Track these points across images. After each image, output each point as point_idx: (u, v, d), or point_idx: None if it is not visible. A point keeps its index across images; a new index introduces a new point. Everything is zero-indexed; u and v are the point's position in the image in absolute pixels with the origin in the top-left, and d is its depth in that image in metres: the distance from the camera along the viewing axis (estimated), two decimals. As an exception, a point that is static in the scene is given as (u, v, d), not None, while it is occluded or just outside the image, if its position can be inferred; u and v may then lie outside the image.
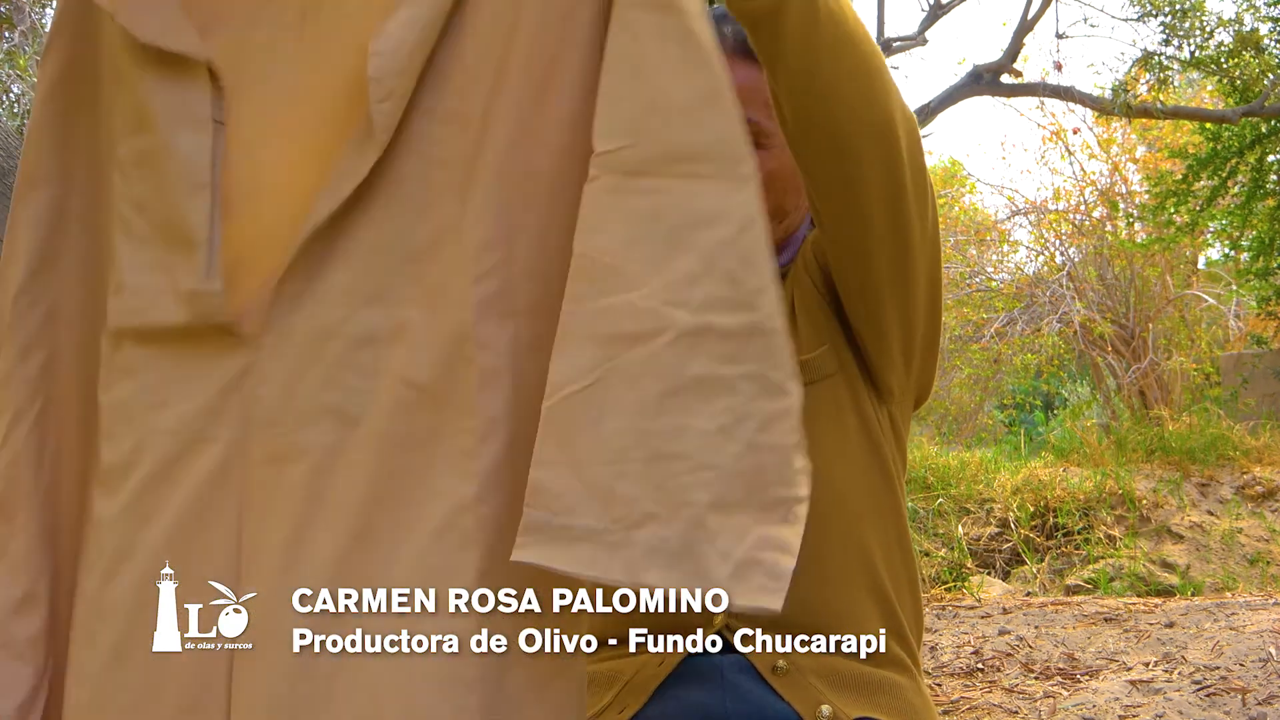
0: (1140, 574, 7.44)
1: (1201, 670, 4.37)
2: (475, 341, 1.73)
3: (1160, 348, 17.47)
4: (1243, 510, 8.14)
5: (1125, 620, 5.07)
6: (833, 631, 2.01)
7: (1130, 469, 8.56)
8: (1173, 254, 18.30)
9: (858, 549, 2.18)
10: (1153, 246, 17.90)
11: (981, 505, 8.34)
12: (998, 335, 18.18)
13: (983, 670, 4.62)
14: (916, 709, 2.19)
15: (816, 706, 2.10)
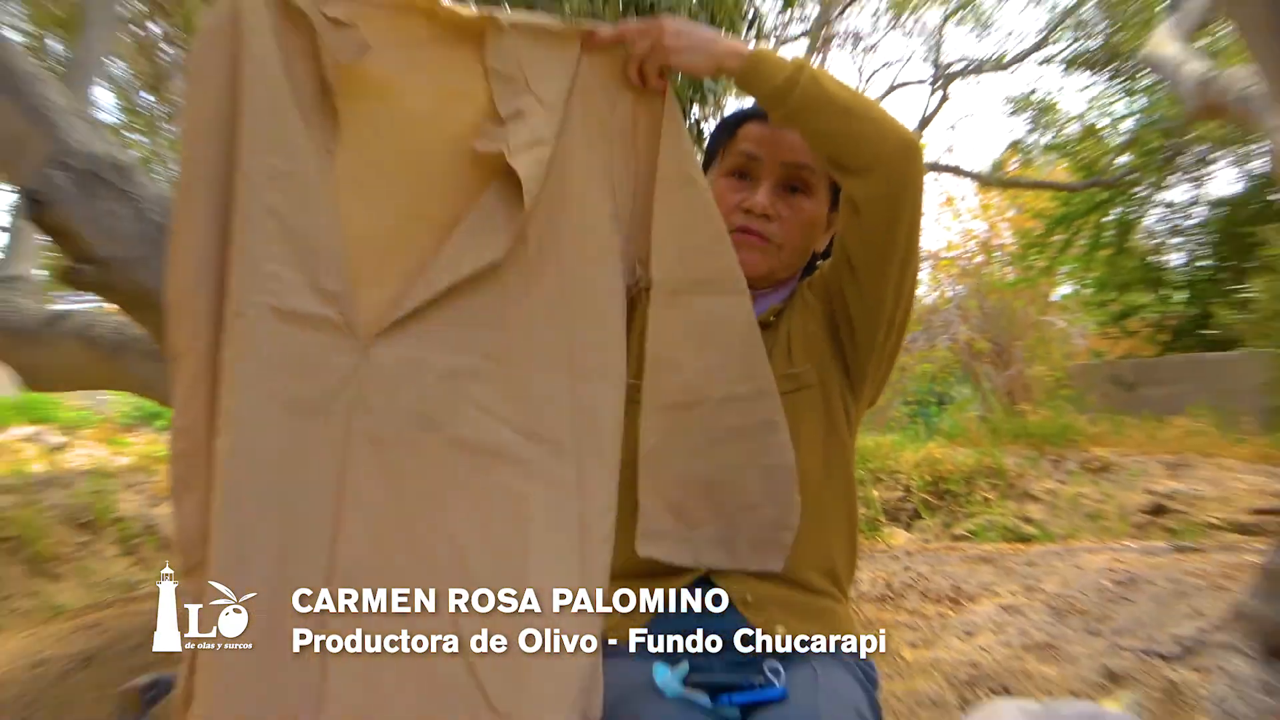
0: (1008, 526, 7.46)
1: (1053, 597, 4.39)
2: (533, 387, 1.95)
3: (1024, 359, 17.45)
4: (1084, 480, 8.15)
5: (997, 560, 5.09)
6: (788, 577, 2.17)
7: (1001, 449, 8.58)
8: (1034, 290, 18.29)
9: (815, 518, 2.21)
10: (1019, 284, 17.94)
11: (891, 475, 8.35)
12: (904, 350, 18.14)
13: (892, 597, 4.64)
14: (844, 627, 2.24)
15: (773, 626, 2.15)
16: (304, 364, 1.84)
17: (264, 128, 1.83)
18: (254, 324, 1.80)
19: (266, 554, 1.78)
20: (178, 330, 1.84)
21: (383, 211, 1.94)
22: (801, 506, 2.12)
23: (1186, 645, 3.81)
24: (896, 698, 3.67)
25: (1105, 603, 4.27)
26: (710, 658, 2.11)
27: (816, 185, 2.31)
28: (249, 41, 1.84)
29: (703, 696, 1.97)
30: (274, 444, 1.80)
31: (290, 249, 1.83)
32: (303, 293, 1.83)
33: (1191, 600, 4.23)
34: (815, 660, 2.10)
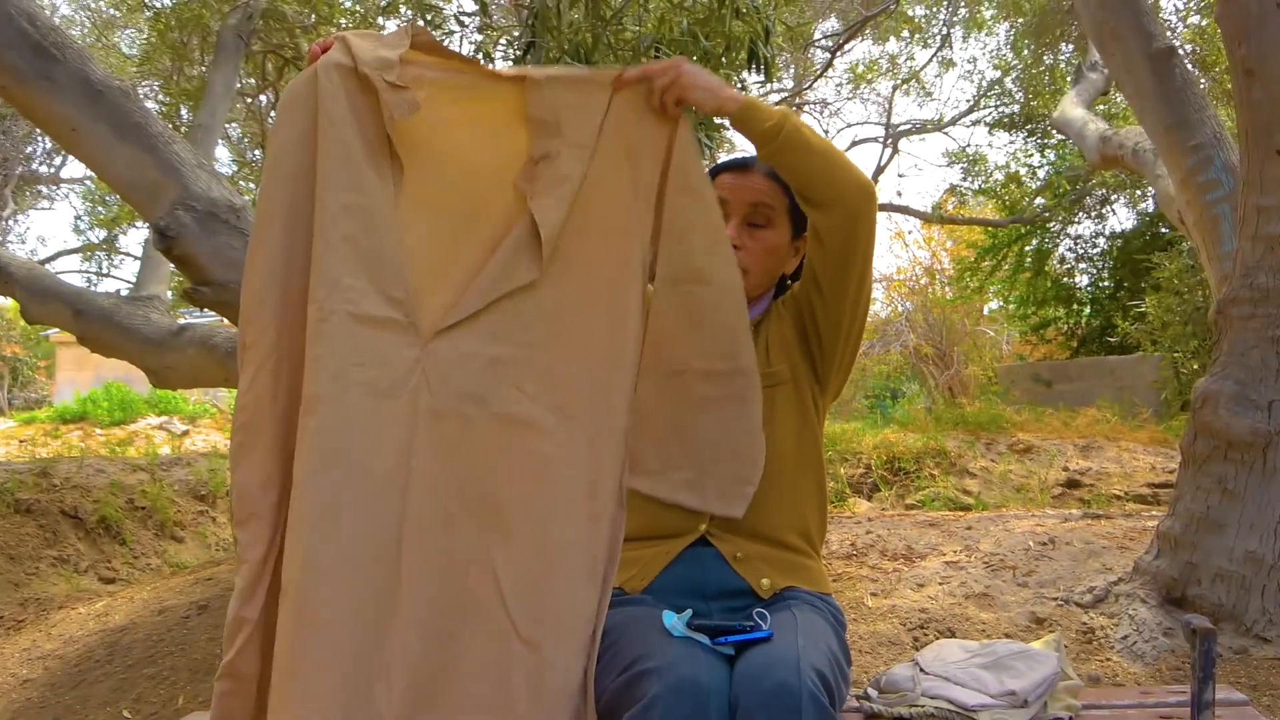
0: (950, 497, 7.43)
1: (988, 555, 4.36)
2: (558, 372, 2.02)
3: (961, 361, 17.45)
4: (1011, 459, 8.13)
5: (942, 525, 5.06)
6: (770, 538, 2.25)
7: (943, 434, 8.56)
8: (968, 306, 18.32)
9: (790, 490, 2.28)
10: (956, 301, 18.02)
11: (855, 455, 8.33)
12: (864, 354, 18.21)
13: (856, 555, 4.61)
14: (818, 579, 2.30)
15: (760, 579, 2.21)
16: (377, 356, 1.93)
17: (337, 171, 1.94)
18: (336, 326, 1.90)
19: (352, 510, 1.88)
20: (247, 326, 1.96)
21: (439, 233, 2.01)
22: (778, 479, 2.20)
23: (1098, 595, 3.78)
24: (861, 638, 3.64)
25: (1031, 560, 4.24)
26: (708, 604, 2.14)
27: (776, 219, 2.37)
28: (325, 103, 1.95)
29: (703, 637, 1.97)
30: (355, 420, 1.90)
31: (363, 266, 1.93)
32: (374, 300, 1.93)
33: (1101, 558, 4.21)
34: (794, 606, 2.13)
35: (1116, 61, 4.57)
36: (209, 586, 5.82)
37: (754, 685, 1.82)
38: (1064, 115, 9.12)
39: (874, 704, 2.24)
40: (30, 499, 8.78)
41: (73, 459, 10.45)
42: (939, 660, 2.31)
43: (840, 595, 4.00)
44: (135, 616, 5.55)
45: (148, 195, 4.25)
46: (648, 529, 2.25)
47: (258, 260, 1.96)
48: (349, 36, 2.03)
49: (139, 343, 5.55)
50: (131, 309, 5.73)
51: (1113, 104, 12.40)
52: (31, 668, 5.17)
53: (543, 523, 1.98)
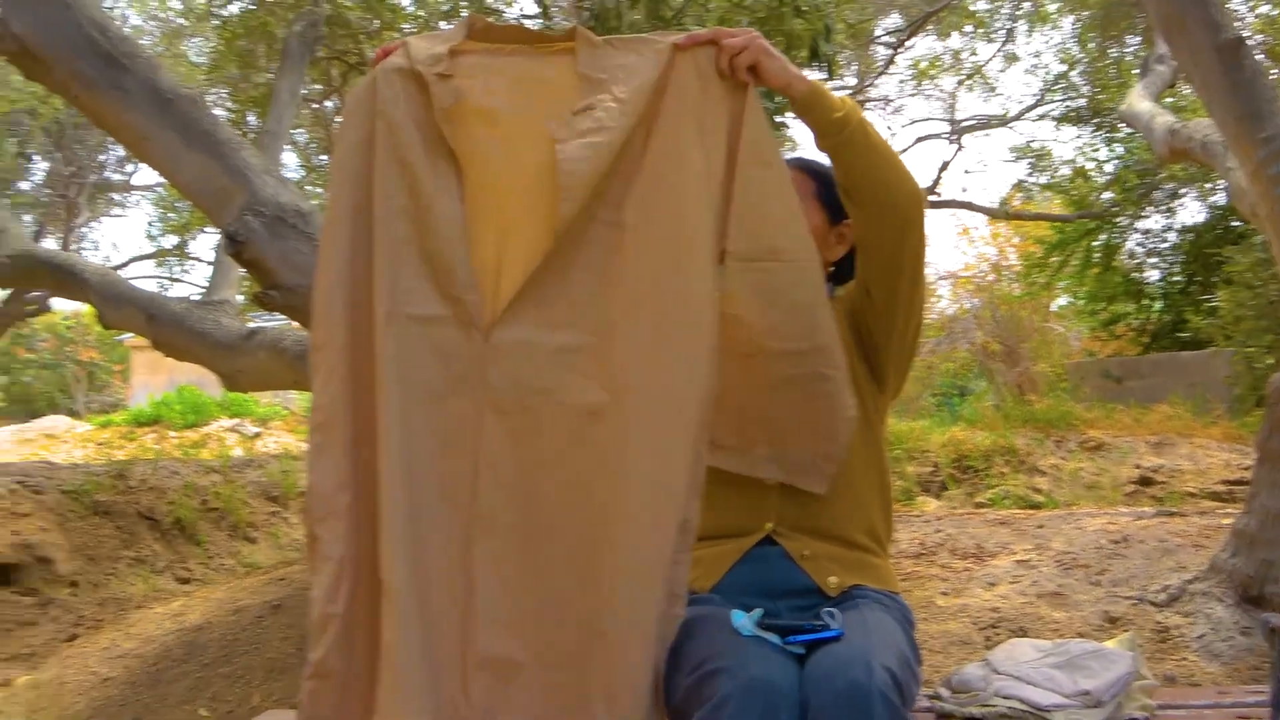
0: (1021, 495, 7.36)
1: (1060, 554, 4.31)
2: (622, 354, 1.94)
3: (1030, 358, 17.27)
4: (1082, 457, 8.03)
5: (1012, 523, 5.01)
6: (836, 536, 2.23)
7: (1013, 432, 8.47)
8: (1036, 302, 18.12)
9: (853, 488, 2.26)
10: (1024, 297, 17.80)
11: (922, 454, 8.27)
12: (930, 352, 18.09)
13: (925, 554, 4.58)
14: (887, 578, 2.28)
15: (827, 577, 2.19)
16: (439, 354, 1.94)
17: (394, 175, 1.96)
18: (399, 329, 1.93)
19: (426, 511, 1.91)
20: (318, 329, 1.99)
21: (499, 224, 1.99)
22: (841, 478, 2.19)
23: (1173, 594, 3.73)
24: (931, 637, 3.62)
25: (1104, 558, 4.18)
26: (777, 603, 2.12)
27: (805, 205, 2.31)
28: (384, 106, 1.98)
29: (773, 636, 1.97)
30: (421, 419, 1.92)
31: (422, 267, 1.95)
32: (434, 300, 1.95)
33: (1176, 556, 4.14)
34: (864, 605, 2.12)
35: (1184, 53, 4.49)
36: (282, 586, 5.89)
37: (825, 685, 1.81)
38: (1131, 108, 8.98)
39: (946, 703, 2.22)
40: (108, 501, 8.92)
41: (148, 461, 10.60)
42: (1011, 660, 2.29)
43: (910, 594, 3.97)
44: (211, 616, 5.63)
45: (217, 201, 4.30)
46: (713, 529, 2.24)
47: (327, 262, 2.00)
48: (410, 40, 2.05)
49: (211, 346, 5.61)
50: (203, 313, 5.81)
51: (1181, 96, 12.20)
52: (111, 666, 5.25)
53: (616, 514, 1.94)
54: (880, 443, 2.36)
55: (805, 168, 2.39)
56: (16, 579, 7.81)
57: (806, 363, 2.03)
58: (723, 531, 2.24)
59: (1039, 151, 17.23)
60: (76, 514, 8.65)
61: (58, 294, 8.08)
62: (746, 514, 2.24)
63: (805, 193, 2.33)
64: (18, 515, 8.24)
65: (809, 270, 2.00)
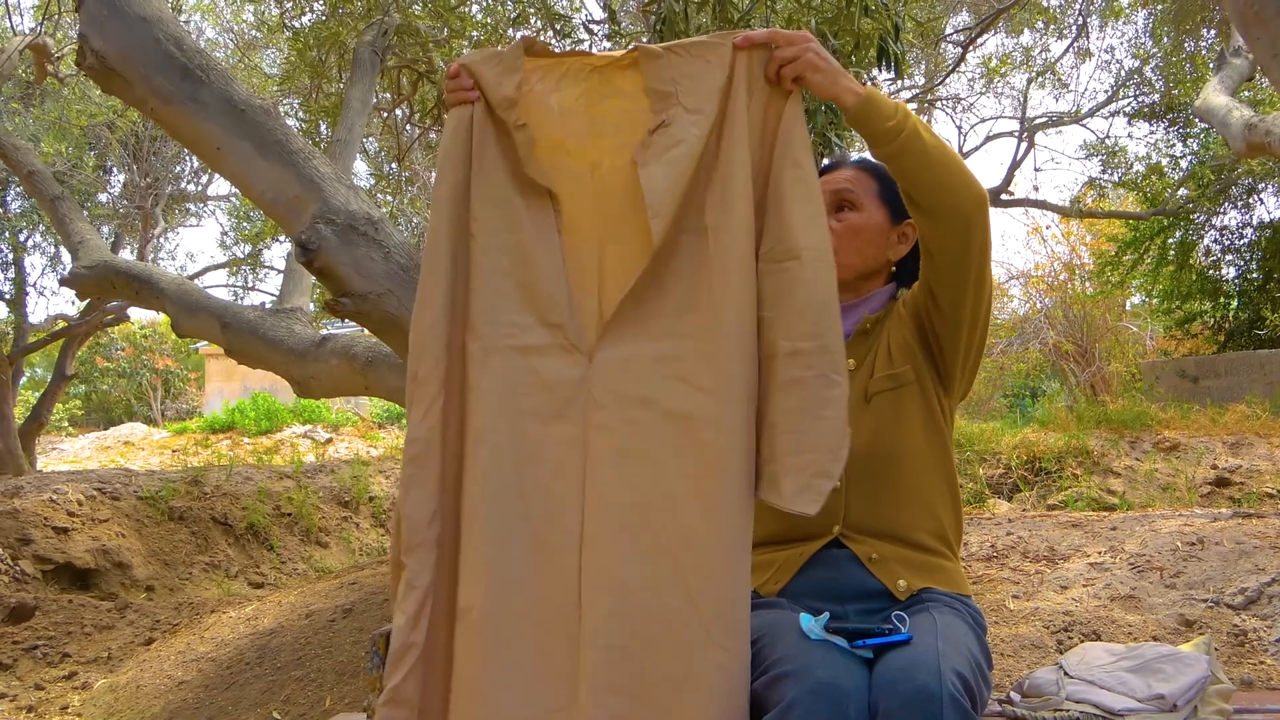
0: (1094, 497, 7.28)
1: (1134, 556, 4.26)
2: (715, 354, 1.96)
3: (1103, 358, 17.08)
4: (1157, 458, 7.93)
5: (1085, 526, 4.95)
6: (904, 539, 2.22)
7: (1086, 433, 8.38)
8: (1110, 301, 17.92)
9: (921, 490, 2.26)
10: (1097, 296, 17.63)
11: (994, 456, 8.21)
12: (1002, 353, 17.95)
13: (996, 557, 4.54)
14: (956, 581, 2.26)
15: (896, 580, 2.19)
16: (542, 383, 1.98)
17: (491, 213, 2.04)
18: (500, 361, 1.99)
19: (527, 536, 1.94)
20: (420, 363, 2.02)
21: (591, 248, 2.05)
22: (909, 480, 2.23)
23: (1250, 596, 3.67)
24: (1003, 641, 3.59)
25: (1178, 561, 4.13)
26: (845, 607, 2.13)
27: (861, 202, 2.38)
28: (477, 148, 2.06)
29: (841, 640, 1.96)
30: (525, 448, 1.96)
31: (521, 299, 2.01)
32: (535, 330, 2.00)
33: (1253, 558, 4.08)
34: (933, 608, 2.11)
35: (1262, 45, 4.42)
36: (353, 591, 5.95)
37: (894, 689, 1.80)
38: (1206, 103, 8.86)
39: (1017, 708, 2.21)
40: (183, 507, 9.07)
41: (222, 467, 10.76)
42: (1084, 664, 2.27)
43: (981, 598, 3.94)
44: (283, 620, 5.70)
45: (289, 210, 4.35)
46: (782, 533, 2.26)
47: (428, 300, 2.04)
48: (473, 67, 2.10)
49: (283, 353, 5.68)
50: (276, 321, 5.87)
51: (1259, 90, 12.02)
52: (186, 670, 5.34)
53: (720, 517, 1.95)
54: (947, 446, 2.34)
55: (866, 166, 2.40)
56: (95, 584, 7.97)
57: (815, 363, 1.96)
58: (791, 535, 2.25)
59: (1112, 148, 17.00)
60: (153, 520, 8.81)
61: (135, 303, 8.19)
62: (814, 517, 2.23)
63: (867, 191, 2.36)
64: (97, 521, 8.41)
65: (823, 271, 1.98)
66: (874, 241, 2.39)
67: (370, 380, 5.41)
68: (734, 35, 2.04)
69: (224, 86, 4.39)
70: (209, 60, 4.47)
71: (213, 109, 4.34)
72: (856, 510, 2.23)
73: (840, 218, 2.37)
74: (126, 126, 14.00)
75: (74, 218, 7.61)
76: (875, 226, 2.37)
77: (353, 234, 4.18)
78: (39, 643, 6.26)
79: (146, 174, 15.32)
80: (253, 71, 12.61)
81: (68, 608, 6.83)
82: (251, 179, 4.43)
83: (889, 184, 2.33)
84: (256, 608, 6.19)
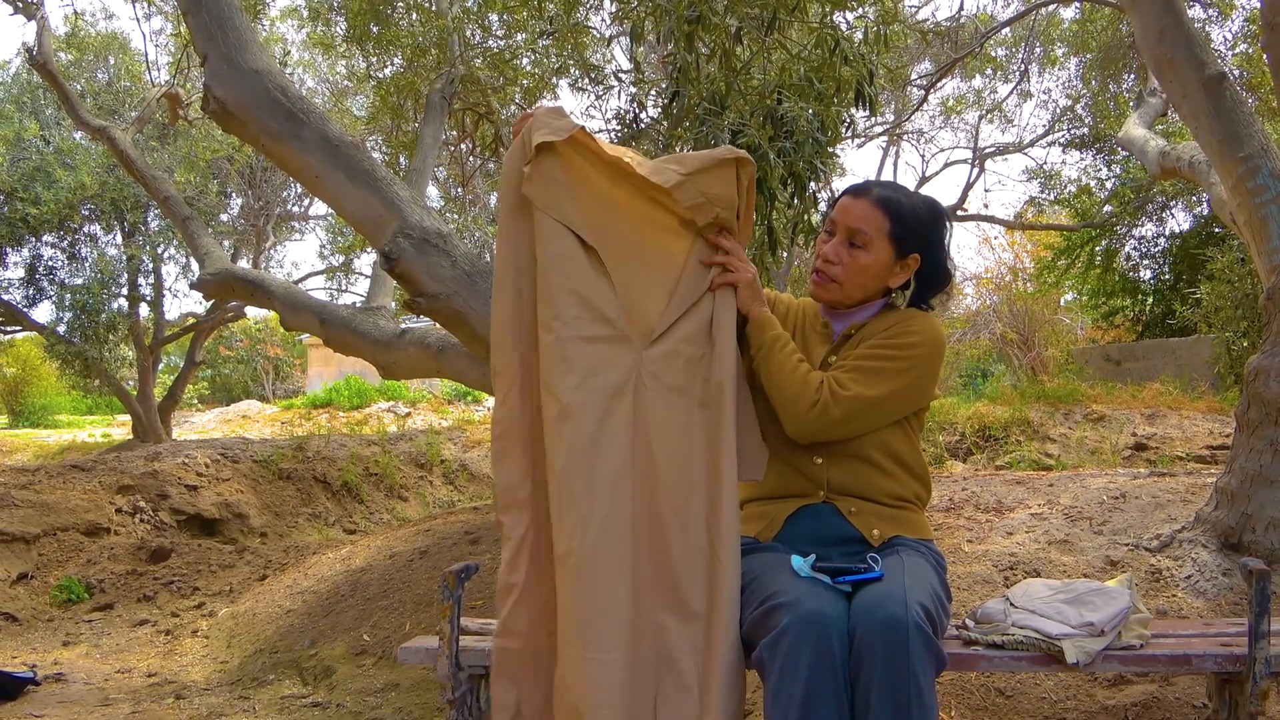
0: (1034, 459, 7.23)
1: (1068, 508, 4.22)
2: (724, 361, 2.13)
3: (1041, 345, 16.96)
4: (1086, 427, 7.86)
5: (1027, 483, 4.91)
6: (877, 500, 2.23)
7: (1027, 407, 8.31)
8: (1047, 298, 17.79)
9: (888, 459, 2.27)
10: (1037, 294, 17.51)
11: (951, 425, 8.15)
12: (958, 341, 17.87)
13: (954, 508, 4.51)
14: (921, 528, 2.28)
15: (871, 529, 2.20)
16: (607, 365, 2.07)
17: (550, 230, 2.09)
18: (573, 349, 2.04)
19: (603, 491, 2.00)
20: (497, 358, 2.12)
21: (630, 270, 2.14)
22: (877, 452, 2.23)
23: (1164, 541, 3.63)
24: (959, 577, 3.57)
25: (1105, 512, 4.09)
26: (829, 550, 2.14)
27: (872, 243, 2.29)
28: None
29: (825, 577, 1.98)
30: (600, 417, 2.03)
31: (580, 299, 2.07)
32: (595, 324, 2.07)
33: (1166, 510, 4.04)
34: (902, 551, 2.13)
35: (1174, 87, 4.36)
36: (428, 536, 5.97)
37: (868, 617, 1.82)
38: (1128, 134, 8.76)
39: (971, 633, 2.20)
40: (290, 468, 9.12)
41: (321, 436, 10.83)
42: (1026, 596, 2.26)
43: (941, 542, 3.92)
44: (371, 560, 5.72)
45: (375, 227, 4.36)
46: (775, 489, 2.26)
47: (500, 308, 2.12)
48: (540, 111, 2.17)
49: (371, 343, 5.71)
50: (365, 317, 5.90)
51: (1171, 124, 11.89)
52: (293, 601, 5.37)
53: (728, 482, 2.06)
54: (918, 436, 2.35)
55: (882, 203, 2.30)
56: (219, 531, 8.02)
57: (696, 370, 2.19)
58: (786, 492, 2.26)
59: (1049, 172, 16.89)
60: (266, 479, 8.86)
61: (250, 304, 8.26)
62: (803, 482, 2.24)
63: (879, 231, 2.27)
64: (220, 480, 8.46)
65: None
66: (877, 277, 2.32)
67: (441, 365, 5.44)
68: (723, 156, 2.21)
69: (321, 126, 4.41)
70: (309, 105, 4.48)
71: (312, 144, 4.35)
72: (837, 478, 2.23)
73: (853, 254, 2.29)
74: (242, 160, 14.08)
75: (200, 234, 7.65)
76: (881, 265, 2.30)
77: (426, 246, 4.18)
78: (174, 579, 6.31)
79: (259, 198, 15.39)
80: (344, 114, 12.62)
81: (197, 550, 6.88)
82: (344, 201, 4.44)
83: (900, 222, 2.28)
84: (350, 550, 6.22)
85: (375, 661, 4.25)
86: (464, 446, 11.09)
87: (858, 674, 1.79)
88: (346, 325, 5.83)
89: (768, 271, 5.19)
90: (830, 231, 2.32)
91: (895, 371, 2.18)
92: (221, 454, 8.89)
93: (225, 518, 8.12)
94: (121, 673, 4.74)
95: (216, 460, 8.69)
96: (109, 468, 7.96)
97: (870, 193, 2.31)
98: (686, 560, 2.01)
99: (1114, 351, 13.49)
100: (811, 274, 2.35)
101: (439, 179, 12.16)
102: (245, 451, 9.17)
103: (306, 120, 4.37)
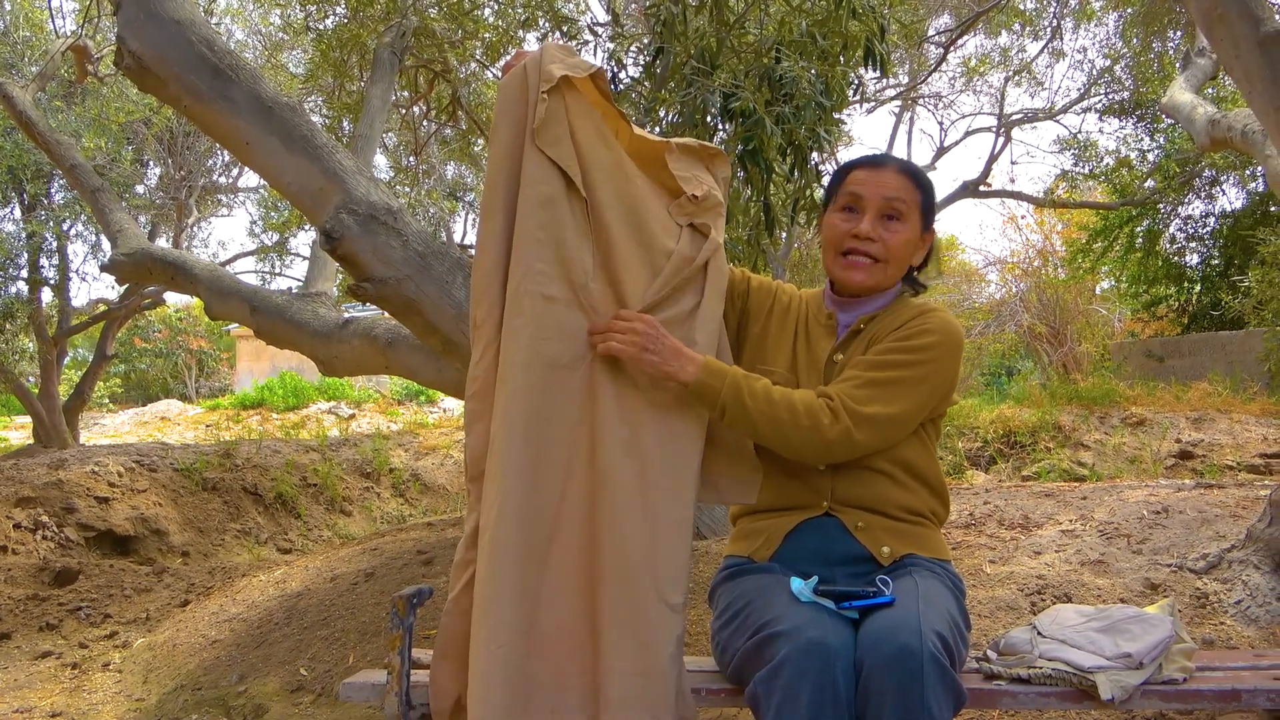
0: (1065, 469, 7.27)
1: (1103, 524, 4.25)
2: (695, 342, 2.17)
3: (1074, 339, 17.05)
4: (1124, 432, 7.92)
5: (1057, 495, 4.95)
6: (887, 512, 2.23)
7: (1058, 409, 8.37)
8: (1081, 286, 17.88)
9: (900, 469, 2.27)
10: (1069, 281, 17.59)
11: (972, 430, 8.19)
12: (980, 334, 17.93)
13: (974, 524, 4.54)
14: (937, 547, 2.28)
15: (880, 546, 2.20)
16: (561, 331, 2.08)
17: (538, 166, 2.10)
18: (529, 305, 2.05)
19: (532, 469, 2.02)
20: (477, 305, 2.14)
21: (611, 235, 2.16)
22: (887, 461, 2.23)
23: (1211, 561, 3.67)
24: (980, 603, 3.59)
25: (1145, 528, 4.12)
26: (833, 570, 2.13)
27: (908, 214, 2.31)
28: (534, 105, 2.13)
29: (829, 602, 1.98)
30: (537, 390, 2.04)
31: (551, 254, 2.09)
32: (559, 283, 2.09)
33: (1214, 526, 4.08)
34: (915, 572, 2.13)
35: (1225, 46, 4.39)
36: (375, 556, 5.96)
37: (878, 648, 1.81)
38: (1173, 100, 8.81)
39: (993, 665, 2.21)
40: (216, 477, 9.08)
41: (252, 441, 10.78)
42: (1056, 624, 2.27)
43: (959, 563, 3.94)
44: (310, 583, 5.71)
45: (314, 201, 4.33)
46: (775, 501, 2.26)
47: (484, 248, 2.14)
48: (547, 45, 2.21)
49: (309, 335, 5.68)
50: (302, 305, 5.87)
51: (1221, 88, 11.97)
52: (219, 629, 5.35)
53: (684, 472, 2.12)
54: (934, 444, 2.36)
55: (911, 174, 2.35)
56: (134, 550, 7.98)
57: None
58: (781, 505, 2.26)
59: (1084, 143, 16.96)
60: (188, 490, 8.83)
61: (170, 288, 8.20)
62: (804, 492, 2.24)
63: (912, 203, 2.31)
64: (135, 491, 8.42)
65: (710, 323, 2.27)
66: (912, 253, 2.37)
67: (390, 359, 5.41)
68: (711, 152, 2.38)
69: (253, 85, 4.38)
70: (238, 60, 4.45)
71: (242, 106, 4.32)
72: (843, 488, 2.23)
73: (892, 228, 2.30)
74: (162, 123, 13.94)
75: (113, 208, 7.59)
76: (914, 240, 2.34)
77: (373, 223, 4.17)
78: (82, 604, 6.27)
79: (180, 167, 15.28)
80: (279, 71, 12.56)
81: (109, 572, 6.84)
82: (279, 172, 4.41)
83: (929, 195, 2.36)
84: (285, 571, 6.20)
85: (314, 699, 4.23)
86: (416, 454, 11.08)
87: (864, 712, 1.79)
88: (281, 314, 5.80)
89: (764, 254, 5.20)
90: (851, 208, 2.32)
91: (914, 381, 2.19)
92: (137, 461, 8.85)
93: (141, 535, 8.08)
94: (20, 712, 4.71)
95: (131, 469, 8.64)
96: (5, 477, 7.92)
97: (892, 163, 2.35)
98: (622, 606, 2.01)
99: (1156, 346, 13.58)
100: (840, 257, 2.33)
101: (388, 146, 12.14)
102: (164, 459, 9.12)
103: (236, 78, 4.34)
